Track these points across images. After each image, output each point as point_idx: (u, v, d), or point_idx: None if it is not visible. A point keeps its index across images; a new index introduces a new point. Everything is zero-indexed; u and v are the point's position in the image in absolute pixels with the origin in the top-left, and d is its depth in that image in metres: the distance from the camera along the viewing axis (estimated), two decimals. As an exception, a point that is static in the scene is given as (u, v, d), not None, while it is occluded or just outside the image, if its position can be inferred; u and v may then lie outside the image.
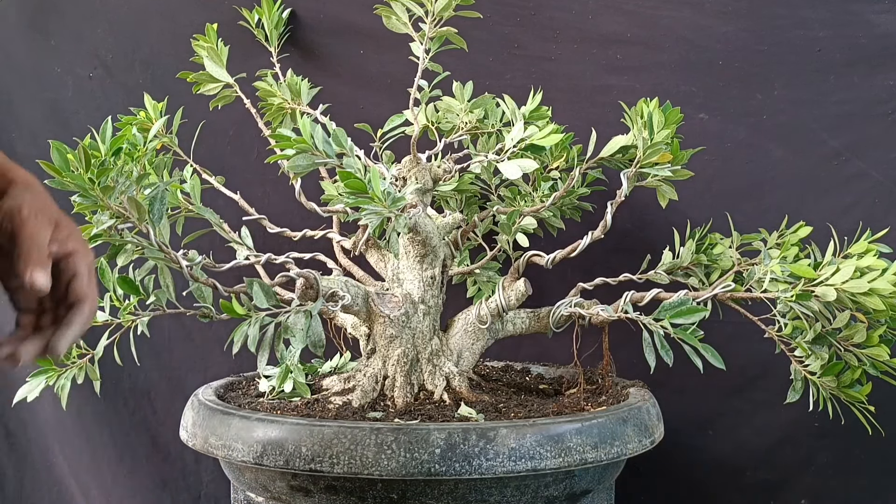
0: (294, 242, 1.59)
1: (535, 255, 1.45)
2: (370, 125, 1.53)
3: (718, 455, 1.73)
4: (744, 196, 1.66)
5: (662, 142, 1.34)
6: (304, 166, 1.25)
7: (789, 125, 1.64)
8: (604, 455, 1.24)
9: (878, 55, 1.60)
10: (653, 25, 1.68)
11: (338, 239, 1.58)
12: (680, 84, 1.66)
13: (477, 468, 1.18)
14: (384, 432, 1.19)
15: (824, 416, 1.36)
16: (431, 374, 1.41)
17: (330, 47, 1.80)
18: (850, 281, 1.26)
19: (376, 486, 1.22)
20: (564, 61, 1.71)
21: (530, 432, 1.20)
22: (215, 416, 1.30)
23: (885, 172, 1.61)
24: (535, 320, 1.46)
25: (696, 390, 1.65)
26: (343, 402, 1.37)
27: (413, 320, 1.42)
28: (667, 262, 1.47)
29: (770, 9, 1.64)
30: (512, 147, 1.34)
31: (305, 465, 1.20)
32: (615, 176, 1.43)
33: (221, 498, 1.94)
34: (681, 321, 1.28)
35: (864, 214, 1.56)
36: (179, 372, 1.94)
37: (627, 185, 1.38)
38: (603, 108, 1.63)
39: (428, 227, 1.41)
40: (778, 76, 1.64)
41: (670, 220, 1.54)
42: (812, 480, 1.69)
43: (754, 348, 1.50)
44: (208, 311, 1.27)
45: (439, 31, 1.41)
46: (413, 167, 1.44)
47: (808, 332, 1.32)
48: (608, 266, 1.50)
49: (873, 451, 1.63)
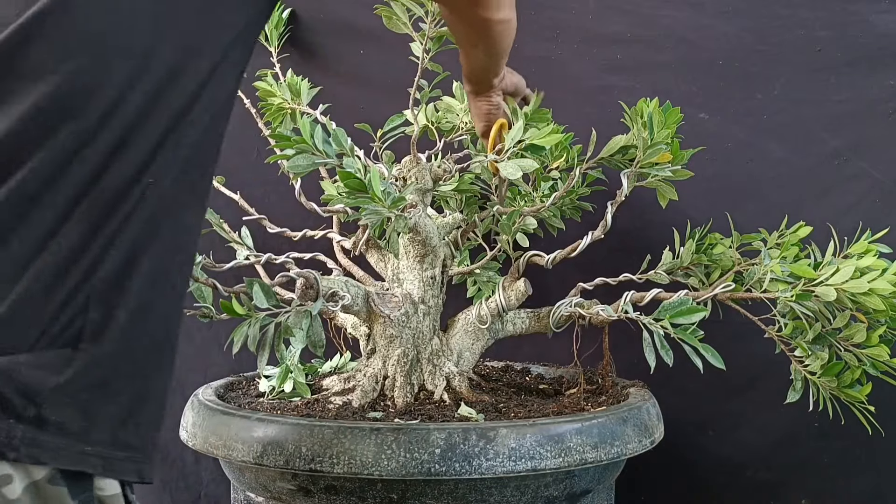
0: (294, 242, 1.59)
1: (535, 255, 1.45)
2: (370, 125, 1.53)
3: (718, 455, 1.73)
4: (744, 196, 1.66)
5: (662, 142, 1.34)
6: (304, 166, 1.25)
7: (789, 125, 1.64)
8: (604, 455, 1.24)
9: (878, 55, 1.60)
10: (653, 25, 1.67)
11: (338, 239, 1.58)
12: (680, 84, 1.66)
13: (477, 468, 1.18)
14: (384, 432, 1.19)
15: (824, 416, 1.36)
16: (431, 374, 1.41)
17: (330, 47, 1.80)
18: (850, 281, 1.26)
19: (376, 486, 1.22)
20: (564, 61, 1.71)
21: (530, 432, 1.20)
22: (215, 416, 1.30)
23: (885, 172, 1.61)
24: (536, 320, 1.46)
25: (697, 390, 1.64)
26: (343, 402, 1.37)
27: (413, 320, 1.42)
28: (667, 262, 1.47)
29: (770, 9, 1.64)
30: (512, 147, 1.34)
31: (305, 465, 1.20)
32: (615, 176, 1.43)
33: (221, 498, 1.94)
34: (681, 321, 1.28)
35: (864, 214, 1.56)
36: (179, 372, 1.90)
37: (627, 185, 1.38)
38: (603, 107, 1.63)
39: (428, 227, 1.41)
40: (778, 76, 1.64)
41: (670, 219, 1.54)
42: (812, 480, 1.69)
43: (754, 348, 1.50)
44: (208, 311, 1.27)
45: (439, 31, 1.41)
46: (413, 167, 1.44)
47: (808, 332, 1.32)
48: (608, 266, 1.50)
49: (873, 451, 1.63)
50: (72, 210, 0.84)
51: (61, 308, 0.84)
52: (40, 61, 0.84)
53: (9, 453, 0.81)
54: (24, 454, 0.82)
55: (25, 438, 0.82)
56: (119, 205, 0.86)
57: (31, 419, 0.82)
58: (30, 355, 0.83)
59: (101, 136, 0.85)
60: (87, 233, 0.85)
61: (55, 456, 0.83)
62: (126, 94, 0.86)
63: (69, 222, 0.84)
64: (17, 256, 0.83)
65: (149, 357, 0.92)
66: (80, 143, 0.84)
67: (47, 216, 0.84)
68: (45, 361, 0.84)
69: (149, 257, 0.89)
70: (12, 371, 0.82)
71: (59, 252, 0.84)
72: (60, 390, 0.84)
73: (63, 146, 0.84)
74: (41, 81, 0.83)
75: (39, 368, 0.83)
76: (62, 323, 0.84)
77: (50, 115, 0.83)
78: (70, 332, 0.85)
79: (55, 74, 0.84)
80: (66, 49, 0.84)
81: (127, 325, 0.88)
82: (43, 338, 0.84)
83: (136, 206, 0.87)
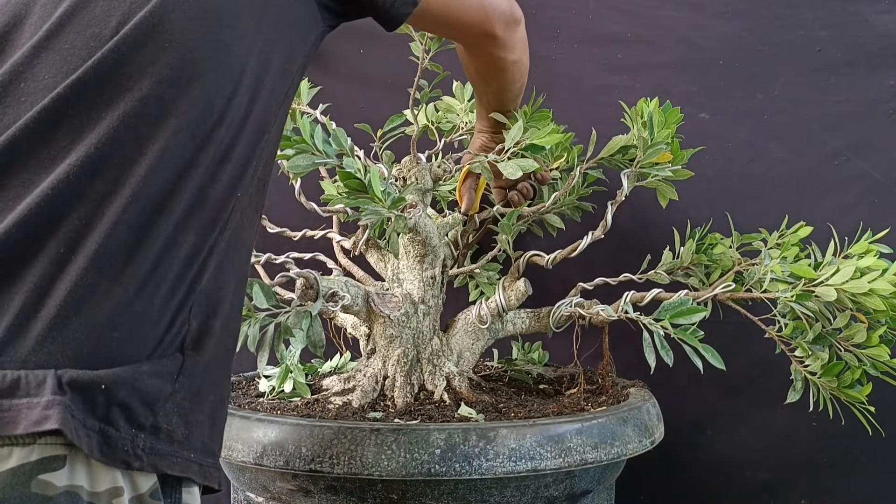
0: (294, 242, 1.59)
1: (535, 255, 1.45)
2: (370, 125, 1.53)
3: (718, 455, 1.73)
4: (744, 196, 1.66)
5: (662, 142, 1.34)
6: (304, 166, 1.25)
7: (790, 125, 1.65)
8: (604, 455, 1.24)
9: (878, 55, 1.60)
10: (653, 25, 1.68)
11: (338, 239, 1.58)
12: (680, 84, 1.66)
13: (477, 468, 1.18)
14: (384, 432, 1.19)
15: (824, 416, 1.36)
16: (431, 374, 1.41)
17: (330, 47, 1.80)
18: (850, 281, 1.26)
19: (376, 487, 1.22)
20: (565, 61, 1.71)
21: (530, 433, 1.20)
22: (215, 417, 1.30)
23: (885, 172, 1.61)
24: (536, 320, 1.46)
25: (696, 390, 1.64)
26: (343, 402, 1.37)
27: (413, 320, 1.41)
28: (667, 262, 1.47)
29: (770, 9, 1.64)
30: (512, 147, 1.34)
31: (305, 465, 1.20)
32: (615, 176, 1.43)
33: (221, 498, 1.93)
34: (681, 321, 1.28)
35: (864, 214, 1.56)
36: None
37: (628, 185, 1.38)
38: (603, 107, 1.63)
39: (428, 227, 1.41)
40: (778, 76, 1.64)
41: (670, 219, 1.54)
42: (812, 480, 1.69)
43: (754, 348, 1.50)
44: (208, 311, 1.27)
45: (439, 31, 1.41)
46: (413, 167, 1.44)
47: (808, 333, 1.32)
48: (608, 266, 1.50)
49: (873, 451, 1.63)
50: (188, 220, 0.87)
51: (175, 315, 0.86)
52: (145, 69, 0.87)
53: (134, 462, 0.82)
54: (147, 463, 0.83)
55: (146, 447, 0.83)
56: (220, 216, 0.89)
57: (149, 428, 0.83)
58: (150, 364, 0.84)
59: (211, 147, 0.88)
60: (199, 242, 0.88)
61: (171, 464, 0.85)
62: (229, 106, 0.89)
63: (185, 233, 0.87)
64: (144, 261, 0.85)
65: (227, 365, 0.94)
66: (196, 150, 0.87)
67: (169, 224, 0.86)
68: (162, 369, 0.85)
69: (234, 269, 0.92)
70: (136, 381, 0.83)
71: (178, 260, 0.86)
72: (172, 398, 0.85)
73: (181, 154, 0.87)
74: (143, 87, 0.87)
75: (158, 377, 0.84)
76: (174, 331, 0.86)
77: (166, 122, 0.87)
78: (179, 340, 0.86)
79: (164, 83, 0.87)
80: (173, 58, 0.88)
81: (218, 334, 0.90)
82: (160, 346, 0.85)
83: (229, 219, 0.90)
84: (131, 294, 0.84)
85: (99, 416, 0.81)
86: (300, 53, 1.00)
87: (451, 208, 1.60)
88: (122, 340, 0.83)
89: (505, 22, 1.25)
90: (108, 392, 0.81)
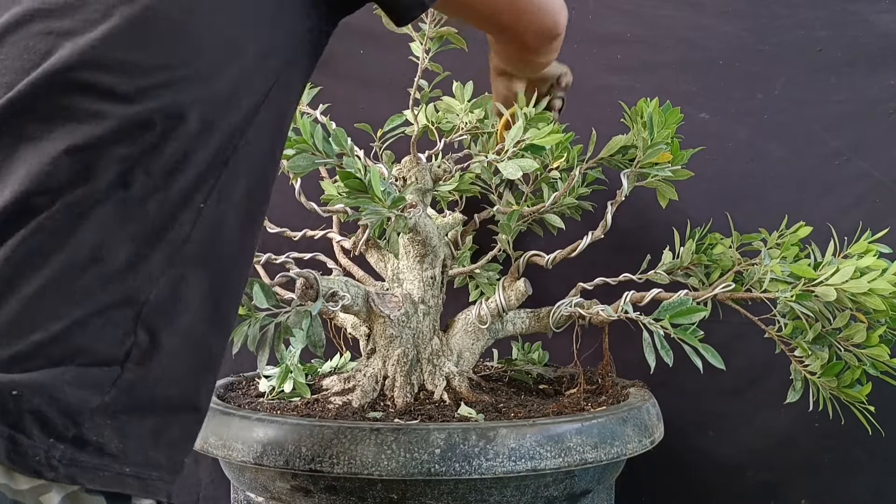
0: (294, 242, 1.59)
1: (535, 255, 1.45)
2: (370, 125, 1.53)
3: (719, 455, 1.73)
4: (744, 196, 1.66)
5: (662, 142, 1.34)
6: (304, 166, 1.25)
7: (790, 125, 1.65)
8: (604, 455, 1.24)
9: (879, 55, 1.60)
10: (653, 25, 1.68)
11: (338, 239, 1.58)
12: (680, 84, 1.66)
13: (477, 468, 1.18)
14: (384, 432, 1.19)
15: (824, 416, 1.36)
16: (431, 374, 1.41)
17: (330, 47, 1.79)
18: (849, 281, 1.26)
19: (376, 486, 1.22)
20: (564, 61, 1.71)
21: (530, 432, 1.20)
22: (215, 416, 1.30)
23: (885, 172, 1.61)
24: (536, 320, 1.46)
25: (696, 390, 1.64)
26: (343, 402, 1.37)
27: (413, 320, 1.42)
28: (667, 262, 1.47)
29: (770, 9, 1.64)
30: (512, 147, 1.34)
31: (305, 465, 1.20)
32: (615, 176, 1.43)
33: (221, 498, 1.93)
34: (681, 321, 1.28)
35: (864, 214, 1.56)
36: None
37: (627, 185, 1.38)
38: (603, 107, 1.63)
39: (428, 227, 1.41)
40: (778, 76, 1.64)
41: (670, 219, 1.54)
42: (812, 480, 1.69)
43: (754, 348, 1.50)
44: (208, 311, 1.27)
45: (439, 31, 1.41)
46: (413, 167, 1.44)
47: (808, 332, 1.32)
48: (608, 266, 1.50)
49: (873, 451, 1.63)
50: (118, 231, 0.83)
51: (106, 325, 0.83)
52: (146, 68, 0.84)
53: (47, 473, 0.80)
54: (63, 474, 0.80)
55: (65, 458, 0.80)
56: (167, 227, 0.85)
57: (71, 439, 0.81)
58: (74, 371, 0.81)
59: (165, 153, 0.84)
60: (137, 254, 0.84)
61: (94, 477, 0.82)
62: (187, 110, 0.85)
63: (117, 243, 0.83)
64: (68, 267, 0.82)
65: (192, 381, 0.90)
66: (142, 159, 0.84)
67: (92, 233, 0.82)
68: (90, 380, 0.82)
69: (200, 285, 0.88)
70: (55, 390, 0.80)
71: (110, 269, 0.83)
72: (102, 410, 0.82)
73: (130, 162, 0.83)
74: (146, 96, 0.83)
75: (82, 388, 0.82)
76: (108, 341, 0.83)
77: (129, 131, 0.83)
78: (117, 352, 0.83)
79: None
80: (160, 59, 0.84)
81: (174, 350, 0.86)
82: (89, 354, 0.82)
83: (191, 233, 0.86)
84: (49, 297, 0.81)
85: (9, 422, 0.79)
86: (286, 47, 0.95)
87: (451, 208, 1.60)
88: (41, 344, 0.80)
89: (540, 35, 1.18)
90: (20, 399, 0.79)
